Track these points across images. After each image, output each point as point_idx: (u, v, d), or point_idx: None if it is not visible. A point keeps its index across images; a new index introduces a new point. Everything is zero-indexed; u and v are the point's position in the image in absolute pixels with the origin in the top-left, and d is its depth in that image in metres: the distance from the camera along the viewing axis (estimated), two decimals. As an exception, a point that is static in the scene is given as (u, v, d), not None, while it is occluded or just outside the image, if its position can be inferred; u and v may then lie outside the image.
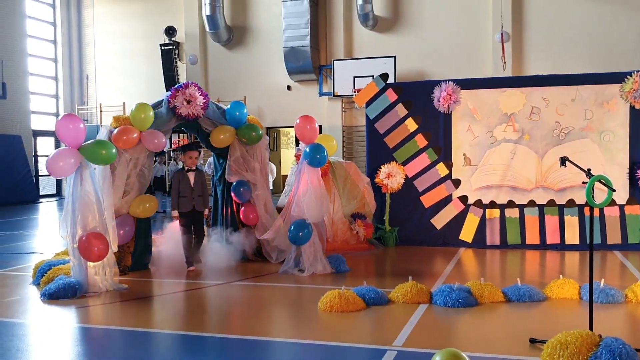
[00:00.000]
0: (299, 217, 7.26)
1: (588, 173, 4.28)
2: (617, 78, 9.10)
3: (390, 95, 9.77)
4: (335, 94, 17.88)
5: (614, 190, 4.20)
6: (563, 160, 4.71)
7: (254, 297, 6.47)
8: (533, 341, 4.55)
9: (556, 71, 13.40)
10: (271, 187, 11.37)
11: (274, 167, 12.33)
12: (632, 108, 8.99)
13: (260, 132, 7.89)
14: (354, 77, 17.55)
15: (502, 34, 16.80)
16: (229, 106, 7.79)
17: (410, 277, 6.28)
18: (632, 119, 9.01)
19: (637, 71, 8.98)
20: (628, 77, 8.97)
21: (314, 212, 7.22)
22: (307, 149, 7.27)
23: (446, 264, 8.12)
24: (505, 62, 16.24)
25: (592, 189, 4.18)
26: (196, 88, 7.40)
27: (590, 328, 4.33)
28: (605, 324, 5.08)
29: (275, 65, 18.40)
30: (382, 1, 18.04)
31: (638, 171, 8.86)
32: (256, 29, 18.87)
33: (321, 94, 18.21)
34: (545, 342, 4.30)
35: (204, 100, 7.45)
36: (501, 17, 16.52)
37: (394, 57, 17.37)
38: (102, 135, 6.88)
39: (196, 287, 6.80)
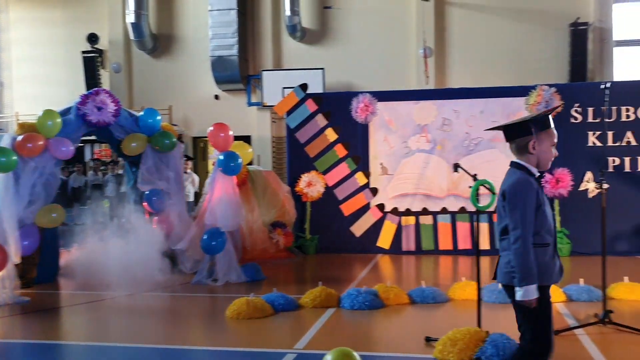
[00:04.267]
0: (213, 225, 7.25)
1: (474, 177, 4.53)
2: (522, 91, 9.60)
3: (310, 106, 9.93)
4: (264, 104, 17.90)
5: (495, 194, 4.46)
6: (456, 167, 4.97)
7: (165, 307, 6.42)
8: (428, 339, 4.75)
9: (477, 86, 13.96)
10: (192, 199, 11.27)
11: (196, 177, 12.21)
12: (536, 120, 9.51)
13: (175, 139, 7.84)
14: (283, 88, 17.58)
15: (424, 49, 17.28)
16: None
17: (320, 283, 6.39)
18: (536, 130, 9.53)
19: (540, 85, 9.50)
20: (532, 90, 9.49)
21: (229, 221, 7.23)
22: (221, 157, 7.30)
23: (362, 269, 8.30)
24: (428, 77, 16.77)
25: (478, 192, 4.43)
26: (107, 95, 7.29)
27: (479, 325, 4.56)
28: (499, 321, 5.34)
29: (203, 74, 18.25)
30: (310, 13, 18.28)
31: (542, 180, 9.36)
32: (183, 38, 18.69)
33: (250, 104, 18.20)
34: (438, 340, 4.50)
35: (116, 107, 7.35)
36: (423, 33, 17.02)
37: (323, 69, 17.55)
38: (5, 142, 6.65)
39: (107, 298, 6.65)
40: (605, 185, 9.01)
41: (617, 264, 8.11)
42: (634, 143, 9.26)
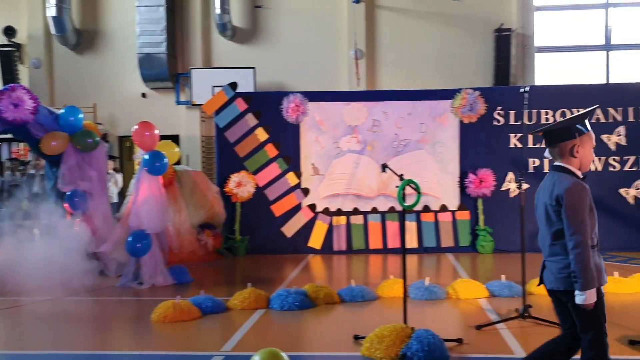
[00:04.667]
0: (138, 227, 7.03)
1: (401, 177, 4.61)
2: (448, 94, 9.89)
3: (240, 105, 9.83)
4: (193, 103, 17.57)
5: (420, 194, 4.57)
6: (383, 167, 5.04)
7: (89, 311, 6.17)
8: (356, 337, 4.79)
9: (407, 88, 14.27)
10: (116, 200, 10.89)
11: (119, 177, 11.80)
12: (461, 122, 9.81)
13: (97, 138, 7.54)
14: (213, 87, 17.30)
15: (355, 50, 17.48)
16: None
17: (249, 284, 6.32)
18: (461, 132, 9.82)
19: (465, 89, 9.80)
20: (457, 93, 9.78)
21: (154, 222, 7.04)
22: (146, 157, 7.09)
23: (293, 270, 8.29)
24: (359, 78, 16.98)
25: (404, 192, 4.51)
26: (24, 91, 6.91)
27: (405, 322, 4.64)
28: (425, 318, 5.49)
29: (130, 72, 17.70)
30: (241, 12, 18.12)
31: (466, 180, 9.65)
32: (108, 34, 18.07)
33: (178, 102, 17.82)
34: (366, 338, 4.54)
35: (34, 104, 6.98)
36: (354, 35, 17.22)
37: (254, 68, 17.42)
38: None
39: (25, 304, 6.32)
40: (526, 186, 9.45)
41: (536, 260, 8.47)
42: (551, 145, 9.71)
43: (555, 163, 3.12)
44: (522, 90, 5.74)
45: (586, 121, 3.12)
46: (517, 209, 5.89)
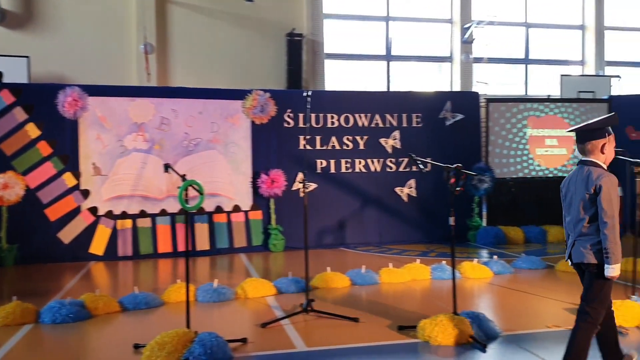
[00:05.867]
0: None
1: (183, 178, 4.44)
2: (239, 95, 9.90)
3: (6, 97, 8.72)
4: (-50, 94, 15.23)
5: (203, 195, 4.44)
6: (166, 167, 4.82)
7: None
8: (137, 346, 4.50)
9: (202, 86, 13.98)
10: None
11: None
12: (252, 123, 9.88)
13: None
14: (-23, 77, 15.16)
15: (145, 45, 16.74)
16: None
17: (14, 297, 5.60)
18: (253, 133, 9.90)
19: (256, 90, 9.90)
20: (248, 94, 9.84)
21: None
22: None
23: (70, 279, 7.56)
24: (149, 74, 16.25)
25: (186, 192, 4.34)
26: None
27: (188, 326, 4.48)
28: (212, 320, 5.38)
29: None
30: (13, -6, 16.21)
31: (259, 180, 9.74)
32: None
33: None
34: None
35: None
36: (144, 29, 16.48)
37: (28, 57, 15.66)
38: None
39: None
40: (313, 185, 9.92)
41: (323, 255, 8.92)
42: (337, 147, 10.29)
43: (584, 158, 3.63)
44: (304, 94, 5.92)
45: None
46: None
